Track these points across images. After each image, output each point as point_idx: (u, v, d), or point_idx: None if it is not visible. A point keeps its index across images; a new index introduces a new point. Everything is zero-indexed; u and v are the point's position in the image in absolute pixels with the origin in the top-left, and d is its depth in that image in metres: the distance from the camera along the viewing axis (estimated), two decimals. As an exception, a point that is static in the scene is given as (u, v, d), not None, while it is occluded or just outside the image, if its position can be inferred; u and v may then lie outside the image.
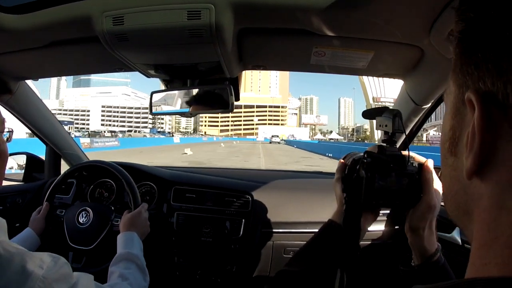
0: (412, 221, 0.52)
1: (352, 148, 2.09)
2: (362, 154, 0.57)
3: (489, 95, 0.21)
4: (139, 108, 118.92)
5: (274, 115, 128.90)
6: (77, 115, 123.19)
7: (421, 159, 0.54)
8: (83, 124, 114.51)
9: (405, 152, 0.52)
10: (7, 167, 0.63)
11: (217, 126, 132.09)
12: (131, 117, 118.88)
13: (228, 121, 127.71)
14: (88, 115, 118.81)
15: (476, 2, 0.23)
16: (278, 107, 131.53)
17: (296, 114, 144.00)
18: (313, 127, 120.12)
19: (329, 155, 18.62)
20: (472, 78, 0.23)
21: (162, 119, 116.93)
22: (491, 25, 0.21)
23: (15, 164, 1.43)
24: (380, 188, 0.49)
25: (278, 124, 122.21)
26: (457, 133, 0.25)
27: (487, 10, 0.22)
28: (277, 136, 55.05)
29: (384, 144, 0.53)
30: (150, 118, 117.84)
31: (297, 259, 0.55)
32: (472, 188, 0.24)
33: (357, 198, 0.52)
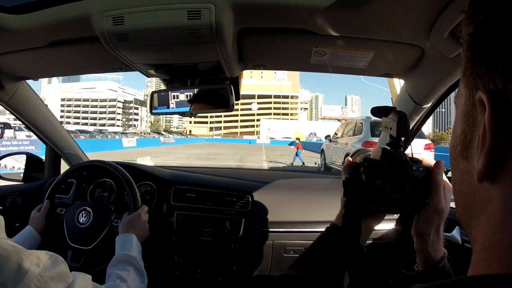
0: (419, 226, 0.51)
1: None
2: (368, 154, 0.56)
3: (500, 95, 0.21)
4: (105, 100, 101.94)
5: (283, 107, 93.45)
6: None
7: (430, 162, 0.52)
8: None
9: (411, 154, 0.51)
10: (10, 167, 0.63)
11: (206, 123, 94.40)
12: (95, 112, 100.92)
13: (220, 116, 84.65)
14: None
15: (485, 4, 0.22)
16: (288, 97, 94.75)
17: (307, 109, 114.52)
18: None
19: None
20: (483, 80, 0.23)
21: (136, 114, 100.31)
22: (501, 26, 0.21)
23: (20, 165, 1.42)
24: (381, 194, 0.49)
25: (287, 119, 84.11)
26: (468, 137, 0.25)
27: (497, 11, 0.22)
28: None
29: (389, 148, 0.51)
30: (118, 113, 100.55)
31: (300, 262, 0.55)
32: (481, 192, 0.24)
33: (357, 203, 0.51)
